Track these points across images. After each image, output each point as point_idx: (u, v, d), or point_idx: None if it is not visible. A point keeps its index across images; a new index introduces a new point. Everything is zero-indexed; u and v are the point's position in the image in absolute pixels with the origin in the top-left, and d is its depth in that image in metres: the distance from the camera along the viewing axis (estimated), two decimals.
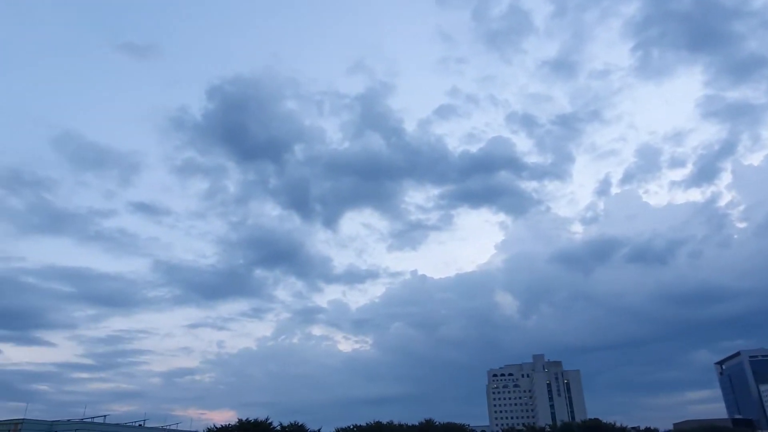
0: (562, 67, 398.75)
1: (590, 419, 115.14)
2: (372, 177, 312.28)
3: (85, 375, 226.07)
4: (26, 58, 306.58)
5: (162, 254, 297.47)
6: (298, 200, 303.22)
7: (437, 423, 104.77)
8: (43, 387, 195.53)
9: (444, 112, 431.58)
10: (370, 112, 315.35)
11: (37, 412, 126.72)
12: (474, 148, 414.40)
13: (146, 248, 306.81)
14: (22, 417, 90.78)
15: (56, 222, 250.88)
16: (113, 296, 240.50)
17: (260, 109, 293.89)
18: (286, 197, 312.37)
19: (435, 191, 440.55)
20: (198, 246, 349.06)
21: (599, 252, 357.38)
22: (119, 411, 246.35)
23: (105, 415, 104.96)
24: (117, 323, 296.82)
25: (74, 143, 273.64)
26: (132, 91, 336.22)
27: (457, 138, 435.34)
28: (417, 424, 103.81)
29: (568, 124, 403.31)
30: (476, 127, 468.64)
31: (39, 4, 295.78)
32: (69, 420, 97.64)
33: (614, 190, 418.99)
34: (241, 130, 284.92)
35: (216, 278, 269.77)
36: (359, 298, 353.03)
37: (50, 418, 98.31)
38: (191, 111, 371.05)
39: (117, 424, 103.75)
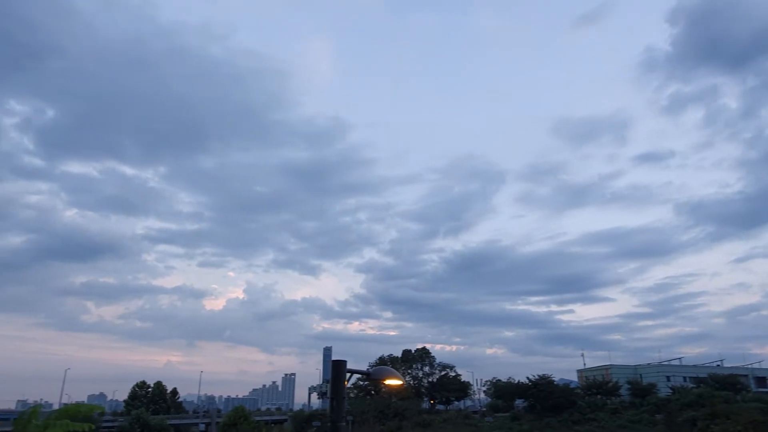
0: None
1: None
2: None
3: (648, 322, 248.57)
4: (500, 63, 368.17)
5: (680, 196, 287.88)
6: None
7: None
8: (615, 337, 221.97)
9: None
10: None
11: (618, 359, 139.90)
12: None
13: (662, 195, 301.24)
14: (609, 363, 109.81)
15: (577, 195, 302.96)
16: (647, 247, 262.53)
17: (734, 4, 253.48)
18: None
19: None
20: (715, 177, 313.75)
21: None
22: (691, 353, 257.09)
23: (680, 357, 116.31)
24: (659, 272, 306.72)
25: (567, 125, 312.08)
26: (596, 59, 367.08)
27: None
28: None
29: None
30: None
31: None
32: (649, 363, 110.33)
33: None
34: (721, 39, 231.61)
35: (749, 204, 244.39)
36: None
37: (629, 363, 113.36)
38: (658, 46, 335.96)
39: (694, 366, 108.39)
